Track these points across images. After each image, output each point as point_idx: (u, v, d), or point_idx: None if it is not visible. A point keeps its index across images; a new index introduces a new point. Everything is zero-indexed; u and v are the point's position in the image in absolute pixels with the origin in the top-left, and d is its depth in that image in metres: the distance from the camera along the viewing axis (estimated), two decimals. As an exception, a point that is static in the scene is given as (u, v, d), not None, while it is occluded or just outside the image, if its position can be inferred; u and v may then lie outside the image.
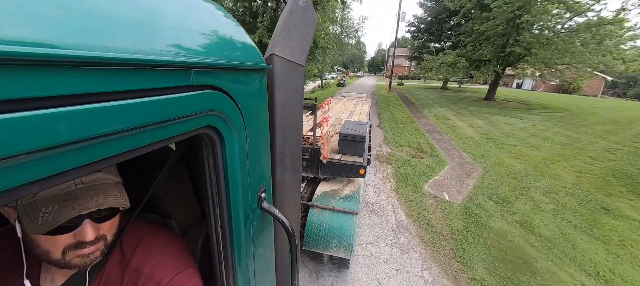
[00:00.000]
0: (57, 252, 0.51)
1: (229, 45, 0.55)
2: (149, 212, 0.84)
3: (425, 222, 3.60)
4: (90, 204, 0.50)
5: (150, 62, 0.35)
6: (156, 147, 0.41)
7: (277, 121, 0.78)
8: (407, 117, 11.19)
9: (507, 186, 4.82)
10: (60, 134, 0.27)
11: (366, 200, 4.16)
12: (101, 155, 0.32)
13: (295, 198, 1.07)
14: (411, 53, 30.58)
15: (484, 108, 14.14)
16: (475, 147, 7.16)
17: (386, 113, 11.96)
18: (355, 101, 7.08)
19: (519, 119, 11.39)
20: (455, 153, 6.68)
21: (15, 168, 0.25)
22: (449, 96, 20.38)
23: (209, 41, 0.48)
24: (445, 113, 12.22)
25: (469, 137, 8.17)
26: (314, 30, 0.94)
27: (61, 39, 0.26)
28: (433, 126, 9.68)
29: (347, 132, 2.75)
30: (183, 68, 0.41)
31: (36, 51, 0.24)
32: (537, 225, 3.64)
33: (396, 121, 10.27)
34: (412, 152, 6.64)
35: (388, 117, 11.23)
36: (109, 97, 0.31)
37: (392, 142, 7.38)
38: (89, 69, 0.29)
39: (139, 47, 0.34)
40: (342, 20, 25.25)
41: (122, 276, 0.63)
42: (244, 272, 0.72)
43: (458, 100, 17.70)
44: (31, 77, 0.24)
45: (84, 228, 0.52)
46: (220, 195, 0.60)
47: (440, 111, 12.89)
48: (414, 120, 10.55)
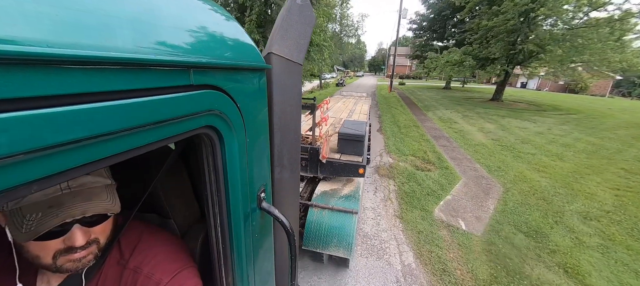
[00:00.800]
0: (47, 257, 0.49)
1: (229, 44, 0.55)
2: (148, 212, 0.83)
3: (440, 267, 2.75)
4: (75, 211, 0.49)
5: (149, 62, 0.35)
6: (156, 147, 0.40)
7: (275, 120, 0.78)
8: (410, 120, 10.33)
9: (536, 210, 3.95)
10: (59, 134, 0.27)
11: (363, 231, 3.32)
12: (100, 154, 0.32)
13: (293, 197, 1.06)
14: (413, 52, 29.66)
15: (492, 110, 13.18)
16: (489, 157, 6.29)
17: (387, 116, 11.10)
18: (355, 100, 6.97)
19: (532, 122, 10.49)
20: (468, 164, 5.81)
21: (14, 168, 0.24)
22: (453, 96, 19.34)
23: (208, 40, 0.48)
24: (451, 116, 11.34)
25: (481, 144, 7.30)
26: (312, 28, 0.94)
27: (60, 38, 0.26)
28: (439, 131, 8.81)
29: (347, 132, 2.71)
30: (182, 67, 0.41)
31: (35, 50, 0.23)
32: (587, 272, 2.77)
33: (398, 125, 9.41)
34: (417, 162, 5.77)
35: (389, 120, 10.38)
36: (109, 96, 0.31)
37: (395, 150, 6.53)
38: (88, 69, 0.28)
39: (139, 46, 0.34)
40: (342, 18, 24.49)
41: (120, 277, 0.62)
42: (244, 272, 0.72)
43: (463, 100, 16.76)
44: (30, 77, 0.24)
45: (74, 234, 0.51)
46: (220, 195, 0.60)
47: (445, 113, 12.00)
48: (418, 124, 9.68)
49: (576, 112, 14.10)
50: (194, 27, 0.45)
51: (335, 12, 20.77)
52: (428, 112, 12.33)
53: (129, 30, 0.33)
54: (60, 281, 0.57)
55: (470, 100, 17.17)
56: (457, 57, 15.27)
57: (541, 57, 12.90)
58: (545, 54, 12.28)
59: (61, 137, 0.27)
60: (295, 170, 1.01)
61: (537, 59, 13.40)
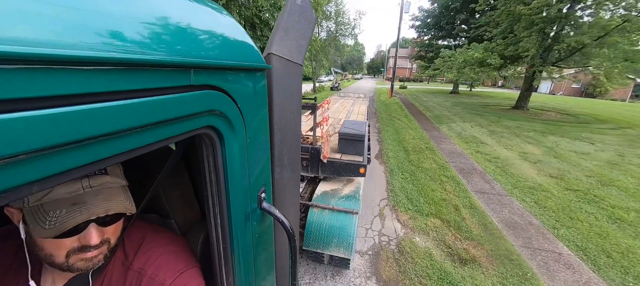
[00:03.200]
0: (61, 256, 0.50)
1: (229, 45, 0.54)
2: (149, 212, 0.82)
3: None
4: (98, 209, 0.50)
5: (150, 62, 0.35)
6: (156, 147, 0.40)
7: (275, 120, 0.77)
8: (421, 139, 7.57)
9: None
10: (60, 134, 0.27)
11: None
12: (101, 155, 0.32)
13: (294, 197, 1.05)
14: (416, 52, 26.98)
15: (523, 123, 10.13)
16: (567, 219, 3.62)
17: (389, 131, 8.37)
18: (352, 101, 6.96)
19: (588, 143, 7.67)
20: (541, 241, 3.14)
21: (15, 167, 0.25)
22: (467, 103, 16.32)
23: (209, 41, 0.48)
24: (474, 132, 8.55)
25: (538, 187, 4.54)
26: (312, 29, 0.93)
27: (61, 38, 0.26)
28: (464, 158, 6.03)
29: (347, 131, 2.69)
30: (183, 68, 0.41)
31: (36, 51, 0.23)
32: None
33: (405, 147, 6.68)
34: (447, 236, 3.14)
35: (392, 137, 7.66)
36: (109, 96, 0.31)
37: (405, 202, 3.85)
38: (89, 69, 0.28)
39: (139, 47, 0.34)
40: (337, 16, 22.20)
41: (124, 278, 0.62)
42: (244, 272, 0.71)
43: (480, 109, 13.84)
44: (31, 77, 0.24)
45: (89, 232, 0.51)
46: (220, 195, 0.60)
47: (464, 127, 9.21)
48: (432, 146, 6.91)
49: (629, 124, 11.24)
50: (194, 28, 0.45)
51: (329, 9, 19.00)
52: (441, 125, 9.55)
53: (129, 31, 0.33)
54: (66, 281, 0.57)
55: (488, 108, 14.29)
56: (480, 55, 11.96)
57: (589, 53, 9.97)
58: (600, 49, 9.35)
59: (62, 137, 0.27)
60: (296, 170, 1.01)
61: (583, 56, 10.45)
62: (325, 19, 18.89)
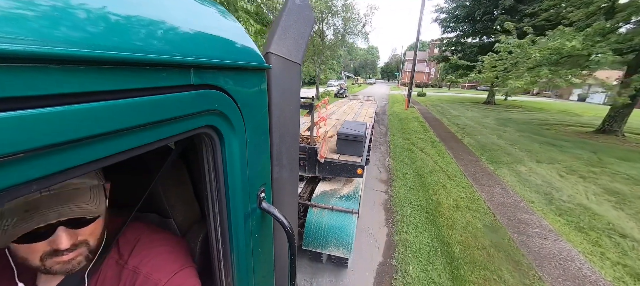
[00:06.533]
0: (34, 259, 0.49)
1: (229, 44, 0.55)
2: (149, 212, 0.83)
3: None
4: (50, 216, 0.47)
5: (150, 61, 0.35)
6: (156, 146, 0.40)
7: (274, 119, 0.77)
8: (471, 207, 3.57)
9: None
10: (59, 133, 0.27)
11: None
12: (101, 154, 0.32)
13: (292, 197, 1.05)
14: (440, 53, 22.61)
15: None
16: None
17: (407, 179, 4.52)
18: (361, 103, 6.92)
19: None
20: None
21: (14, 167, 0.25)
22: (516, 120, 11.53)
23: (209, 40, 0.48)
24: (575, 190, 4.41)
25: None
26: (311, 28, 0.93)
27: (60, 37, 0.26)
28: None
29: (346, 132, 2.70)
30: (183, 67, 0.41)
31: (35, 50, 0.23)
32: None
33: (445, 236, 2.85)
34: None
35: (414, 196, 3.87)
36: (109, 96, 0.31)
37: None
38: (89, 68, 0.28)
39: (139, 46, 0.34)
40: (345, 11, 18.32)
41: (119, 277, 0.61)
42: (243, 272, 0.72)
43: (544, 131, 9.32)
44: (30, 76, 0.24)
45: (58, 236, 0.49)
46: (220, 195, 0.60)
47: (545, 177, 5.07)
48: (506, 236, 2.90)
49: None
50: (194, 27, 0.45)
51: (336, 4, 16.79)
52: (499, 169, 5.44)
53: (129, 30, 0.33)
54: (60, 280, 0.57)
55: (553, 130, 9.71)
56: (578, 45, 6.84)
57: None
58: None
59: (61, 136, 0.27)
60: (294, 170, 1.01)
61: None
62: (332, 15, 16.84)
